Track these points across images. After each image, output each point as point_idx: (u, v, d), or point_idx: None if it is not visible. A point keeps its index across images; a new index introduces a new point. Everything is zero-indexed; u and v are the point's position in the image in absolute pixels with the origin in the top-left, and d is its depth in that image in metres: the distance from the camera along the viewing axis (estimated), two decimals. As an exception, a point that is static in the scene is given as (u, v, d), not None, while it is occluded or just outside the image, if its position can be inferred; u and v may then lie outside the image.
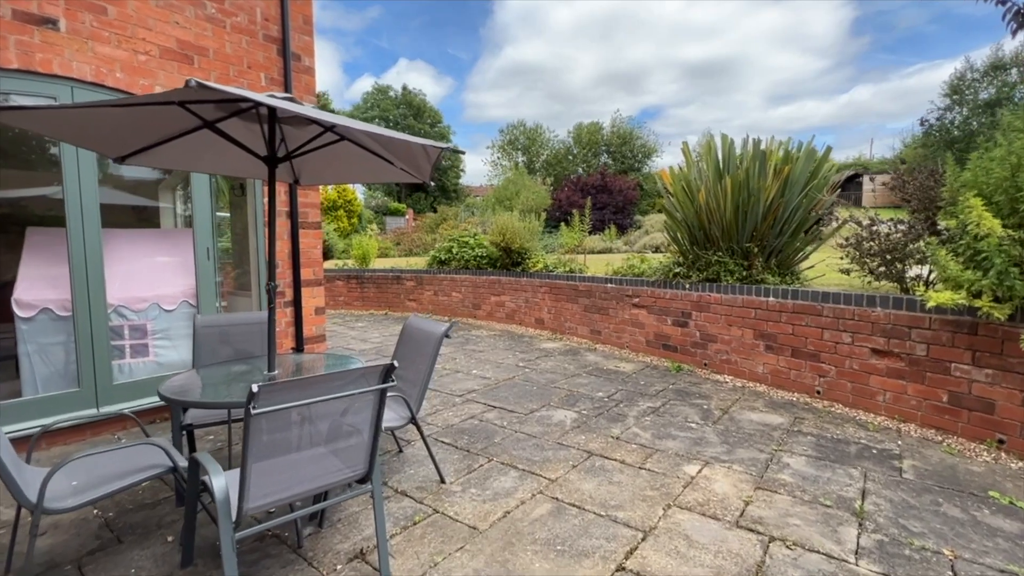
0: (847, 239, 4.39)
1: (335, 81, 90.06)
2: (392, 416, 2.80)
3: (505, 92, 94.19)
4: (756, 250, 4.98)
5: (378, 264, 13.09)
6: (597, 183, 29.03)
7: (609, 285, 6.64)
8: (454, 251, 9.52)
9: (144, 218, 5.18)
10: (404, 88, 49.31)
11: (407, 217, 38.91)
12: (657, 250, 23.99)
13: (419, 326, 3.03)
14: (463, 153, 2.27)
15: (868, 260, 4.31)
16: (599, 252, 19.39)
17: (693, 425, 3.82)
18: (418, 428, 2.79)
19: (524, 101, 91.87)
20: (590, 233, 7.15)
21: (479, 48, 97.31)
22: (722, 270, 5.24)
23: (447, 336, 2.87)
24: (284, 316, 4.75)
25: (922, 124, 25.97)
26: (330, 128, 2.53)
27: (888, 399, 3.89)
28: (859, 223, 4.36)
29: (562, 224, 8.87)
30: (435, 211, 33.00)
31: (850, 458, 3.21)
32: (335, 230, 11.29)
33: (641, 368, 5.58)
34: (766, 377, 4.80)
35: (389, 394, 2.57)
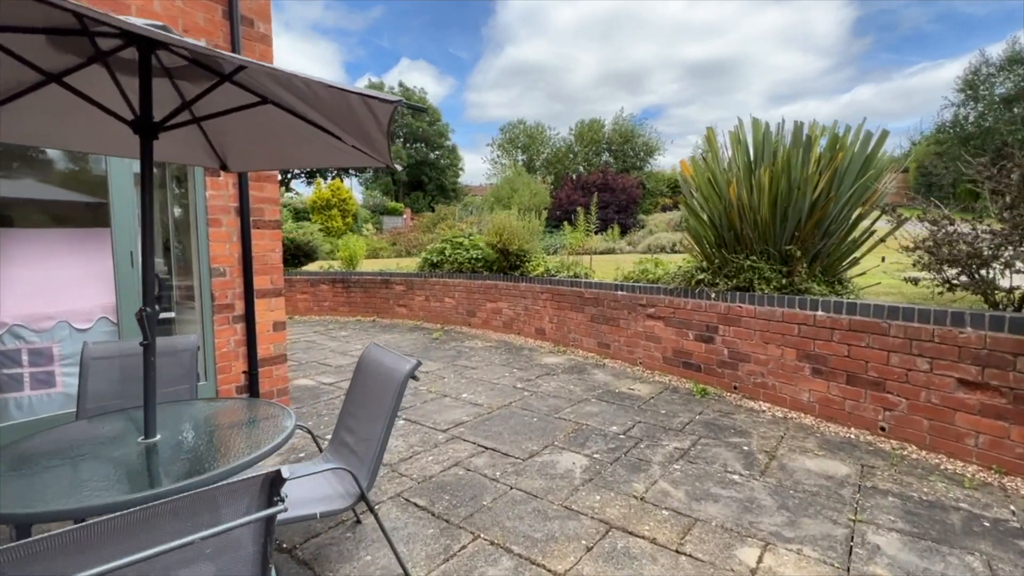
0: (921, 241, 3.59)
1: (336, 80, 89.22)
2: (332, 493, 1.99)
3: (506, 92, 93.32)
4: (799, 254, 4.17)
5: (368, 266, 12.29)
6: (599, 181, 28.20)
7: (620, 293, 5.84)
8: (447, 253, 8.72)
9: (72, 216, 4.36)
10: (401, 84, 48.52)
11: (404, 217, 38.14)
12: (662, 250, 23.18)
13: (378, 361, 2.23)
14: (424, 112, 1.54)
15: (946, 267, 3.51)
16: (602, 252, 18.61)
17: (736, 477, 3.01)
18: (371, 510, 1.98)
19: (525, 101, 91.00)
20: (594, 233, 6.50)
21: (481, 48, 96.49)
22: (756, 277, 4.44)
23: (414, 378, 2.07)
24: (233, 333, 3.94)
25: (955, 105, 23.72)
26: (228, 77, 1.73)
27: (982, 444, 3.09)
28: (935, 222, 3.56)
29: (565, 224, 8.06)
30: (433, 211, 32.21)
31: (956, 534, 2.41)
32: (320, 229, 10.47)
33: (659, 391, 4.78)
34: (812, 407, 4.00)
35: (328, 468, 1.77)
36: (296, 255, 10.18)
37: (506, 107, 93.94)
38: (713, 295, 4.75)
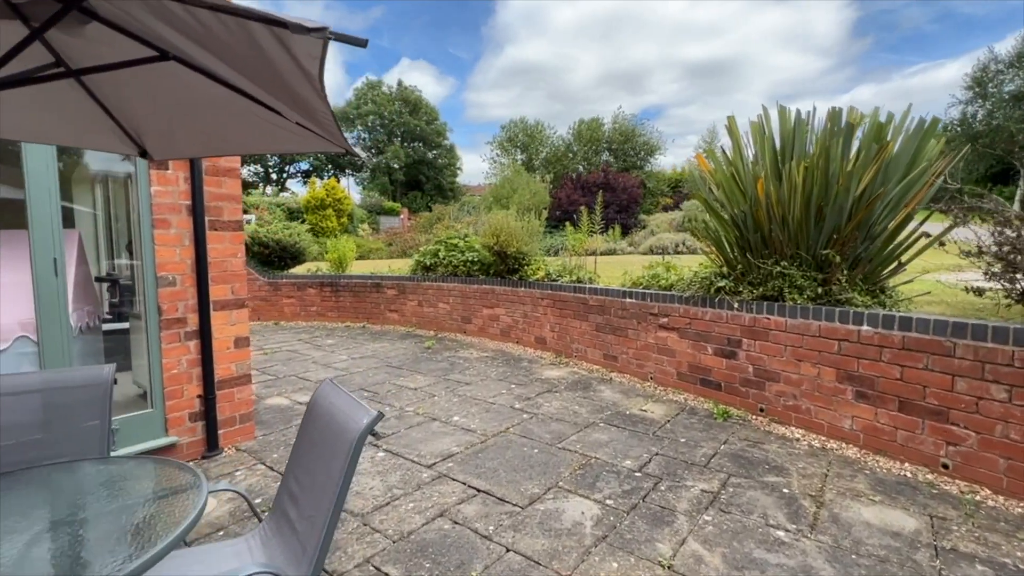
0: (991, 245, 3.05)
1: (337, 81, 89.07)
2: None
3: (506, 92, 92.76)
4: (838, 259, 3.64)
5: (360, 268, 11.73)
6: (600, 181, 27.70)
7: (628, 300, 5.30)
8: (441, 255, 8.17)
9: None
10: (399, 83, 47.97)
11: (402, 217, 37.64)
12: (664, 252, 22.66)
13: (329, 411, 1.68)
14: (363, 45, 1.04)
15: (1021, 276, 2.98)
16: (603, 254, 18.11)
17: (781, 534, 2.47)
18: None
19: (525, 101, 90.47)
20: (598, 233, 6.07)
21: (481, 48, 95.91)
22: (787, 285, 3.91)
23: (373, 435, 1.53)
24: (186, 352, 3.39)
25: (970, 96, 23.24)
26: (75, 2, 1.18)
27: (1078, 492, 2.56)
28: (1006, 222, 3.02)
29: (567, 225, 7.53)
30: (431, 211, 31.71)
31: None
32: (309, 230, 9.93)
33: (675, 412, 4.24)
34: (855, 436, 3.46)
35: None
36: (282, 257, 9.64)
37: (506, 107, 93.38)
38: (736, 305, 4.21)
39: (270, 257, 9.59)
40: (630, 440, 3.66)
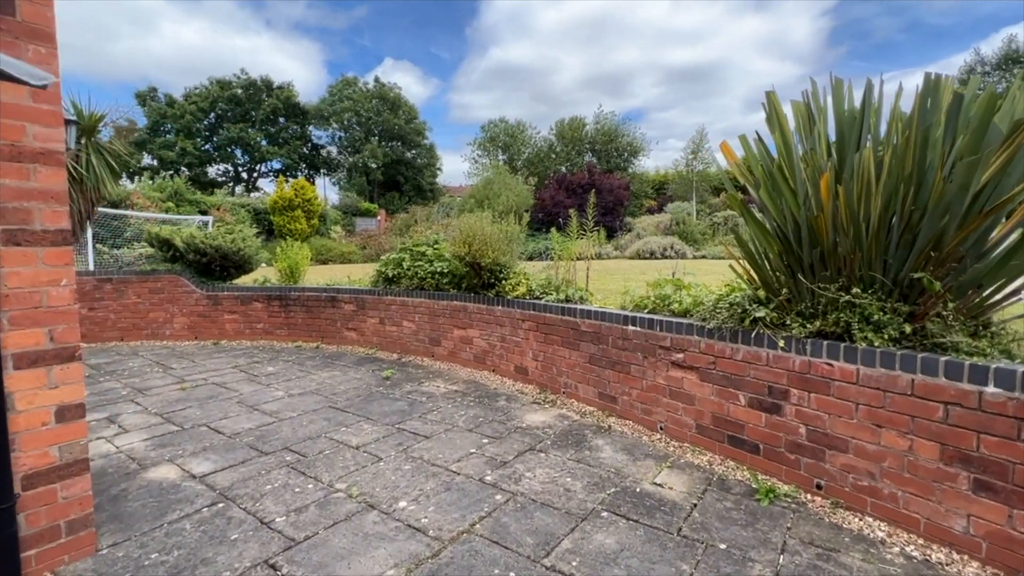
0: None
1: (318, 79, 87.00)
2: None
3: (490, 93, 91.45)
4: (937, 286, 2.57)
5: (319, 275, 10.38)
6: (585, 181, 26.76)
7: (631, 328, 4.20)
8: (405, 265, 6.98)
9: None
10: (377, 80, 46.49)
11: (379, 218, 36.24)
12: (652, 256, 21.78)
13: None
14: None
15: None
16: (580, 259, 17.07)
17: None
18: None
19: (509, 102, 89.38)
20: (578, 237, 5.28)
21: (465, 49, 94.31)
22: (856, 319, 2.84)
23: None
24: (-37, 437, 2.16)
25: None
26: None
27: None
28: None
29: (553, 231, 6.42)
30: (409, 212, 30.41)
31: None
32: (256, 235, 8.65)
33: (701, 487, 3.15)
34: (975, 544, 2.40)
35: None
36: (224, 266, 8.32)
37: (490, 108, 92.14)
38: (781, 342, 3.14)
39: (210, 266, 8.27)
40: (648, 548, 2.54)
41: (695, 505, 2.95)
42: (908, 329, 2.69)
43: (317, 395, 5.20)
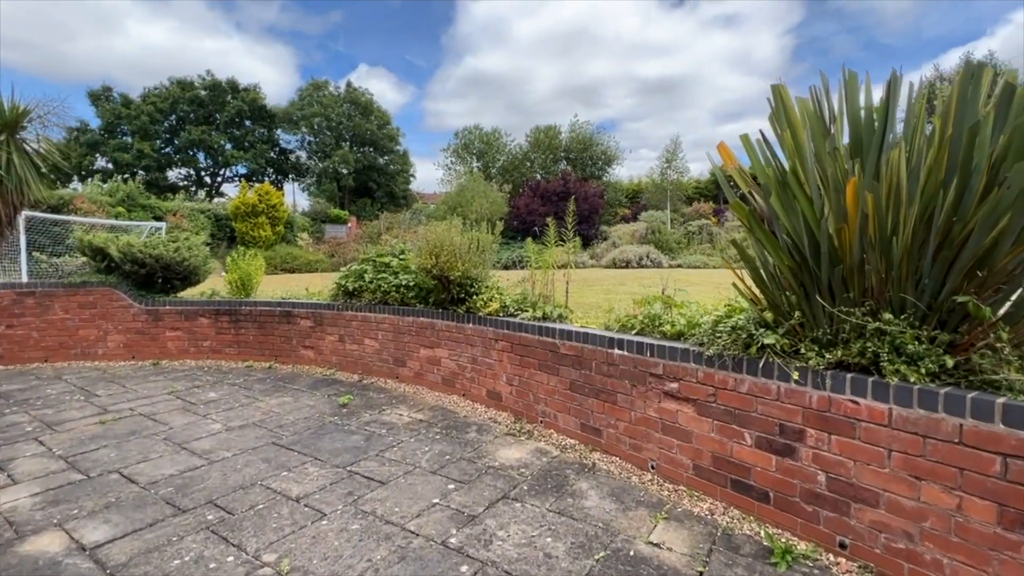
0: None
1: (292, 84, 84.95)
2: None
3: (464, 101, 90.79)
4: (988, 313, 2.16)
5: (275, 286, 9.57)
6: (560, 189, 26.50)
7: (617, 352, 3.72)
8: (367, 278, 6.37)
9: None
10: (348, 84, 45.51)
11: (350, 225, 35.24)
12: (627, 265, 21.55)
13: None
14: None
15: None
16: (563, 267, 16.67)
17: None
18: None
19: (483, 111, 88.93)
20: (556, 244, 4.95)
21: (440, 56, 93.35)
22: (886, 349, 2.41)
23: None
24: None
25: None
26: None
27: None
28: None
29: (528, 239, 5.92)
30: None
31: None
32: (205, 242, 7.90)
33: (706, 547, 2.66)
34: (1044, 628, 1.97)
35: None
36: (167, 278, 7.52)
37: (464, 116, 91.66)
38: (795, 374, 2.69)
39: (151, 278, 7.46)
40: (651, 642, 2.02)
41: (701, 574, 2.46)
42: (950, 363, 2.27)
43: (260, 428, 4.54)
